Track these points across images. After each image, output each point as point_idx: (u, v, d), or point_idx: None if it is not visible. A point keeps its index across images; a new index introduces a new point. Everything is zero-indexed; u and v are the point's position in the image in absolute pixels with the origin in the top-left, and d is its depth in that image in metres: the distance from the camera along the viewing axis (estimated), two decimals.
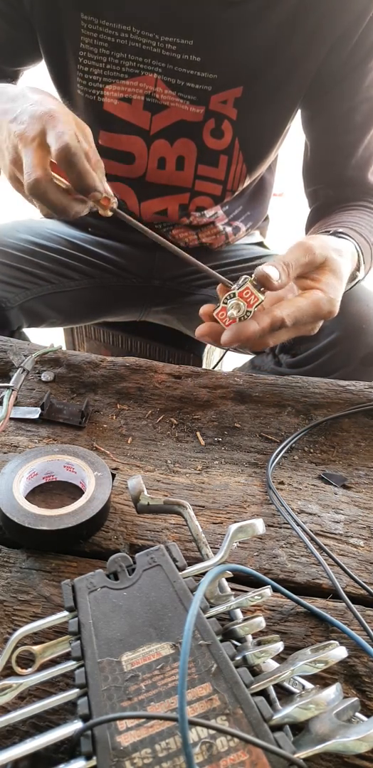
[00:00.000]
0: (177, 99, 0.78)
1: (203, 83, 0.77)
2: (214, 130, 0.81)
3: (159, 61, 0.76)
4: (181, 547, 0.39)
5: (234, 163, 0.84)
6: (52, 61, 0.80)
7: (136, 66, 0.76)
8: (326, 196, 0.86)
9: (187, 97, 0.78)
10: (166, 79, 0.77)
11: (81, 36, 0.75)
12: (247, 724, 0.25)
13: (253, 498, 0.48)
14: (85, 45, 0.76)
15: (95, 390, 0.63)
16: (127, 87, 0.78)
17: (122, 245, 0.98)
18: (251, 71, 0.76)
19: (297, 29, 0.73)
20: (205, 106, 0.78)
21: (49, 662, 0.31)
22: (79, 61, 0.77)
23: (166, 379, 0.65)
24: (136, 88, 0.78)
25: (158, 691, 0.27)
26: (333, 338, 0.79)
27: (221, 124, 0.80)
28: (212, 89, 0.77)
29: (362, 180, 0.82)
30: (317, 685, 0.32)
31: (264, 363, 0.94)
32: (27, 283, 0.89)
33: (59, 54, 0.78)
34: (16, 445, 0.52)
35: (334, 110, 0.79)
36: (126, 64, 0.76)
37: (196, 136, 0.81)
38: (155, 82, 0.77)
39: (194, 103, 0.78)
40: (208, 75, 0.76)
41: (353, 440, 0.58)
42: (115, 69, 0.77)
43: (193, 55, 0.75)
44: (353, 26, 0.72)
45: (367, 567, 0.42)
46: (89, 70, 0.77)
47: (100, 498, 0.42)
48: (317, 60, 0.75)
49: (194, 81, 0.77)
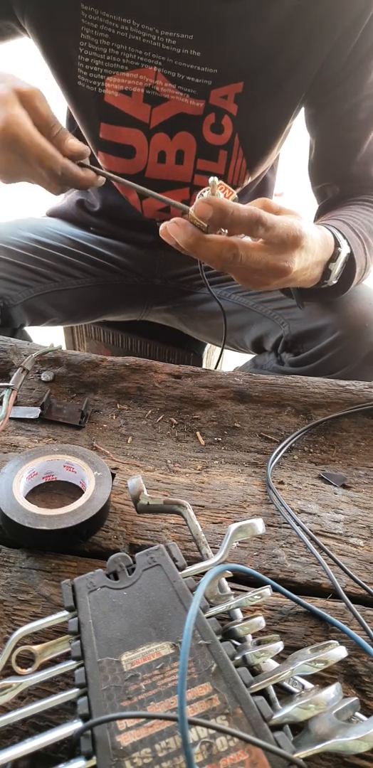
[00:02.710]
0: (177, 92, 0.78)
1: (202, 77, 0.77)
2: (214, 124, 0.81)
3: (159, 55, 0.76)
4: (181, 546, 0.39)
5: (234, 158, 0.84)
6: (50, 52, 0.80)
7: (136, 58, 0.77)
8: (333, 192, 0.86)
9: (187, 91, 0.78)
10: (166, 72, 0.77)
11: (82, 27, 0.75)
12: (247, 723, 0.25)
13: (253, 498, 0.48)
14: (86, 35, 0.76)
15: (95, 390, 0.63)
16: (127, 79, 0.78)
17: (124, 244, 0.98)
18: (252, 67, 0.76)
19: (297, 27, 0.73)
20: (205, 100, 0.78)
21: (49, 662, 0.31)
22: (80, 51, 0.77)
23: (166, 378, 0.65)
24: (137, 80, 0.78)
25: (158, 690, 0.27)
26: (335, 337, 0.79)
27: (221, 119, 0.80)
28: (211, 83, 0.77)
29: (367, 175, 0.82)
30: (316, 684, 0.32)
31: (266, 362, 0.94)
32: (29, 280, 0.90)
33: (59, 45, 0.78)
34: (15, 445, 0.52)
35: (337, 108, 0.79)
36: (126, 56, 0.76)
37: (195, 130, 0.81)
38: (155, 75, 0.77)
39: (194, 97, 0.78)
40: (208, 69, 0.76)
41: (352, 440, 0.58)
42: (116, 60, 0.77)
43: (193, 50, 0.75)
44: (354, 24, 0.72)
45: (367, 567, 0.42)
46: (90, 61, 0.77)
47: (100, 498, 0.42)
48: (319, 59, 0.75)
49: (194, 75, 0.77)
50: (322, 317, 0.82)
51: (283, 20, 0.73)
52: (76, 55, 0.77)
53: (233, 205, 0.50)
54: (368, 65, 0.75)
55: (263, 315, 0.92)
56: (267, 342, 0.93)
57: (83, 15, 0.74)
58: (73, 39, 0.76)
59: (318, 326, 0.82)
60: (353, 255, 0.68)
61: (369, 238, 0.74)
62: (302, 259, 0.56)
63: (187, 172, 0.85)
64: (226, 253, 0.51)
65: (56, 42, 0.78)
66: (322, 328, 0.81)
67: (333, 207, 0.83)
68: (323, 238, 0.62)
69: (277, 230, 0.52)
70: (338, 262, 0.65)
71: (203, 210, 0.50)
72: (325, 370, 0.80)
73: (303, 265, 0.58)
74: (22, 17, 0.78)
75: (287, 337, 0.87)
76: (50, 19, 0.77)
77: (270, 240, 0.52)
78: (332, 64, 0.75)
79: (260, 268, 0.53)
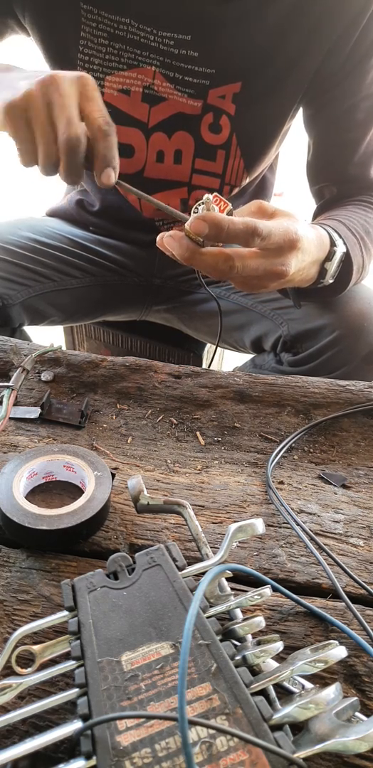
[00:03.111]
0: (175, 92, 0.78)
1: (200, 77, 0.77)
2: (212, 124, 0.81)
3: (157, 55, 0.76)
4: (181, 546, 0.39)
5: (232, 157, 0.84)
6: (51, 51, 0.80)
7: (134, 58, 0.77)
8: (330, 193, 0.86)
9: (185, 91, 0.78)
10: (164, 72, 0.77)
11: (82, 25, 0.75)
12: (247, 723, 0.25)
13: (253, 498, 0.48)
14: (86, 34, 0.76)
15: (95, 390, 0.63)
16: (126, 78, 0.78)
17: (124, 244, 0.98)
18: (249, 67, 0.76)
19: (295, 28, 0.73)
20: (203, 100, 0.79)
21: (48, 662, 0.31)
22: (80, 50, 0.77)
23: (166, 378, 0.65)
24: (135, 79, 0.78)
25: (158, 690, 0.27)
26: (335, 336, 0.79)
27: (219, 119, 0.80)
28: (209, 83, 0.77)
29: (365, 176, 0.83)
30: (316, 684, 0.32)
31: (265, 362, 0.94)
32: (29, 280, 0.90)
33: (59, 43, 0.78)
34: (15, 445, 0.52)
35: (335, 108, 0.79)
36: (125, 56, 0.77)
37: (193, 129, 0.81)
38: (154, 75, 0.78)
39: (192, 97, 0.78)
40: (206, 70, 0.76)
41: (352, 440, 0.58)
42: (114, 59, 0.77)
43: (190, 50, 0.75)
44: (352, 25, 0.72)
45: (367, 567, 0.42)
46: (90, 59, 0.78)
47: (99, 498, 0.42)
48: (317, 59, 0.75)
49: (192, 75, 0.77)
50: (321, 317, 0.82)
51: (281, 20, 0.73)
52: (76, 54, 0.77)
53: (227, 220, 0.50)
54: (366, 66, 0.75)
55: (262, 315, 0.92)
56: (266, 342, 0.93)
57: (83, 14, 0.75)
58: (73, 38, 0.76)
59: (317, 326, 0.82)
60: (350, 254, 0.69)
61: (365, 237, 0.74)
62: (298, 261, 0.57)
63: (185, 171, 0.85)
64: (222, 265, 0.52)
65: (56, 41, 0.78)
66: (321, 327, 0.82)
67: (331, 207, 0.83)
68: (318, 238, 0.62)
69: (273, 238, 0.52)
70: (333, 261, 0.65)
71: (198, 227, 0.50)
72: (324, 370, 0.80)
73: (300, 266, 0.58)
74: (22, 15, 0.78)
75: (286, 336, 0.87)
76: (50, 18, 0.77)
77: (266, 247, 0.53)
78: (331, 64, 0.76)
79: (258, 274, 0.54)
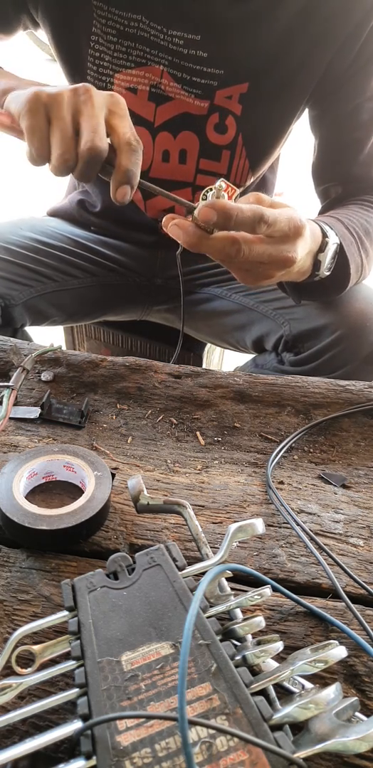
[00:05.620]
0: (182, 92, 0.78)
1: (208, 78, 0.77)
2: (217, 124, 0.81)
3: (166, 54, 0.76)
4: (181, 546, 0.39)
5: (237, 158, 0.84)
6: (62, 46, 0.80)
7: (142, 56, 0.77)
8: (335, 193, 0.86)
9: (192, 91, 0.78)
10: (172, 71, 0.77)
11: (93, 21, 0.75)
12: (247, 723, 0.25)
13: (253, 498, 0.48)
14: (97, 30, 0.76)
15: (95, 390, 0.63)
16: (133, 76, 0.78)
17: (125, 244, 0.98)
18: (257, 68, 0.76)
19: (304, 30, 0.73)
20: (210, 101, 0.79)
21: (48, 662, 0.31)
22: (91, 46, 0.77)
23: (166, 378, 0.65)
24: (142, 78, 0.78)
25: (158, 690, 0.27)
26: (336, 336, 0.79)
27: (225, 119, 0.80)
28: (217, 84, 0.77)
29: (369, 176, 0.83)
30: (316, 684, 0.32)
31: (266, 362, 0.94)
32: (30, 280, 0.90)
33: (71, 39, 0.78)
34: (15, 445, 0.52)
35: (341, 109, 0.79)
36: (133, 53, 0.77)
37: (199, 129, 0.81)
38: (161, 74, 0.77)
39: (199, 97, 0.78)
40: (214, 71, 0.76)
41: (352, 440, 0.58)
42: (122, 57, 0.77)
43: (200, 51, 0.75)
44: (359, 27, 0.72)
45: (366, 567, 0.42)
46: (100, 56, 0.78)
47: (99, 498, 0.42)
48: (324, 61, 0.76)
49: (200, 76, 0.77)
50: (322, 317, 0.82)
51: (290, 22, 0.73)
52: (86, 50, 0.78)
53: (236, 208, 0.50)
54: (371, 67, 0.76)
55: (264, 315, 0.92)
56: (268, 342, 0.93)
57: (94, 10, 0.75)
58: (84, 34, 0.77)
59: (319, 326, 0.82)
60: (344, 249, 0.69)
61: (364, 237, 0.74)
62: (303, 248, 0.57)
63: (189, 171, 0.85)
64: (229, 248, 0.52)
65: (68, 36, 0.78)
66: (322, 327, 0.82)
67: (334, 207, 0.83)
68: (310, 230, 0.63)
69: (278, 225, 0.52)
70: (326, 253, 0.65)
71: (207, 215, 0.50)
72: (325, 370, 0.80)
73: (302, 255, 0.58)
74: (35, 10, 0.78)
75: (287, 336, 0.87)
76: (63, 13, 0.77)
77: (272, 234, 0.53)
78: (337, 66, 0.76)
79: (263, 260, 0.54)
